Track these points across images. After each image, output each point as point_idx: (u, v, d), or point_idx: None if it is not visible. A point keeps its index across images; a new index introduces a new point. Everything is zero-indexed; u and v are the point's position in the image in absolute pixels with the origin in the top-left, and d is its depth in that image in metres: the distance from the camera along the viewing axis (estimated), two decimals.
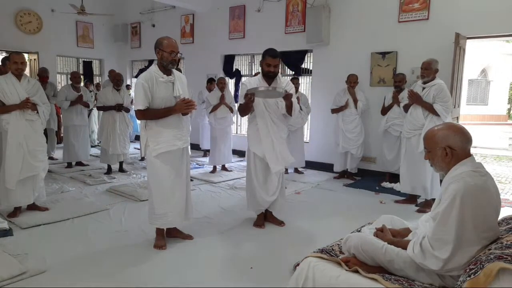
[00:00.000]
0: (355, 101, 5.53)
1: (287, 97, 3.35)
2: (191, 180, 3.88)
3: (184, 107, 2.97)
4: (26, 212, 3.88)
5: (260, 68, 3.54)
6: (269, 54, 3.41)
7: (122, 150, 5.82)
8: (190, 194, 3.35)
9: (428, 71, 4.08)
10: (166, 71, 3.03)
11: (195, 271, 2.80)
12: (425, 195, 4.31)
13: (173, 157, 3.07)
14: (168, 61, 2.97)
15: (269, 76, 3.47)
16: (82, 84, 9.05)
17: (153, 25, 9.17)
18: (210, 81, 6.82)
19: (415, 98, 4.16)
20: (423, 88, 4.16)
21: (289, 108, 3.48)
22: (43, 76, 6.45)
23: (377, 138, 5.72)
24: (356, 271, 1.90)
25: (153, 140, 3.01)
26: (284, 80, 3.62)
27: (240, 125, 8.13)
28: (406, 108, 4.37)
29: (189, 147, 3.38)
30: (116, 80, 5.71)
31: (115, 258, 2.98)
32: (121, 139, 5.74)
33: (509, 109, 19.35)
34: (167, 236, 3.31)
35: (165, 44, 2.96)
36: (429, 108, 4.07)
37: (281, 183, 3.70)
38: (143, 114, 2.97)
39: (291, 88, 3.52)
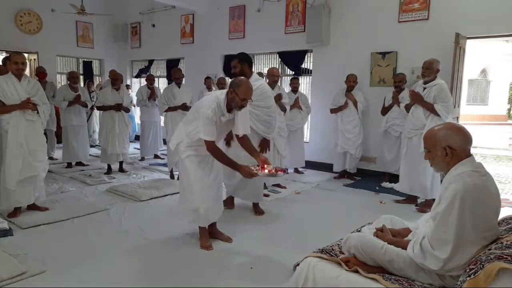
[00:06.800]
0: (355, 103, 5.54)
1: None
2: None
3: (249, 175, 2.94)
4: (26, 212, 3.88)
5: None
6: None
7: (121, 150, 5.81)
8: (221, 193, 3.39)
9: (430, 70, 4.09)
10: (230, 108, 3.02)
11: (194, 270, 2.81)
12: (423, 195, 4.31)
13: (203, 157, 3.13)
14: (237, 105, 2.93)
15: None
16: (82, 84, 9.09)
17: (153, 25, 9.17)
18: (208, 78, 7.27)
19: (416, 98, 4.16)
20: (424, 88, 4.16)
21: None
22: (40, 72, 6.57)
23: (377, 138, 5.71)
24: (356, 271, 1.90)
25: (187, 144, 3.08)
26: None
27: None
28: (408, 108, 4.37)
29: None
30: (112, 80, 5.72)
31: (114, 258, 2.97)
32: (120, 139, 5.73)
33: (509, 109, 19.34)
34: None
35: (241, 90, 2.87)
36: (430, 108, 4.07)
37: None
38: (214, 146, 2.96)
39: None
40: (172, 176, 5.71)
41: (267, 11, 7.02)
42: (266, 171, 2.91)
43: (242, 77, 3.04)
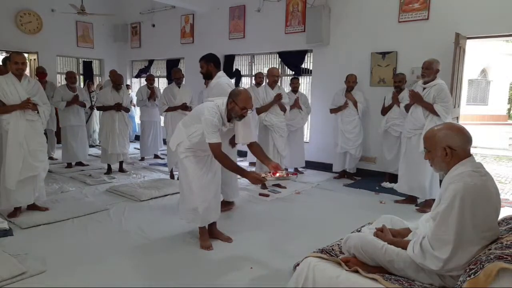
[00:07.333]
0: (355, 103, 5.53)
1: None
2: None
3: (257, 181, 2.92)
4: (26, 212, 3.88)
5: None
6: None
7: (122, 150, 5.82)
8: (219, 192, 3.39)
9: (429, 70, 4.09)
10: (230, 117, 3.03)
11: (194, 270, 2.81)
12: (422, 195, 4.31)
13: (201, 157, 3.14)
14: (237, 114, 2.93)
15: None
16: (82, 84, 9.09)
17: (153, 25, 9.17)
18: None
19: (416, 98, 4.16)
20: (424, 88, 4.16)
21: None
22: (40, 72, 6.59)
23: (377, 138, 5.71)
24: (356, 271, 1.90)
25: (187, 146, 3.09)
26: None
27: None
28: (407, 108, 4.38)
29: None
30: (115, 84, 5.72)
31: (115, 258, 2.97)
32: (120, 139, 5.74)
33: (509, 109, 19.34)
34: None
35: (240, 99, 2.86)
36: (430, 108, 4.07)
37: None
38: (220, 151, 2.93)
39: None
40: (172, 176, 5.71)
41: (267, 11, 7.02)
42: (277, 174, 2.89)
43: (241, 87, 3.09)
